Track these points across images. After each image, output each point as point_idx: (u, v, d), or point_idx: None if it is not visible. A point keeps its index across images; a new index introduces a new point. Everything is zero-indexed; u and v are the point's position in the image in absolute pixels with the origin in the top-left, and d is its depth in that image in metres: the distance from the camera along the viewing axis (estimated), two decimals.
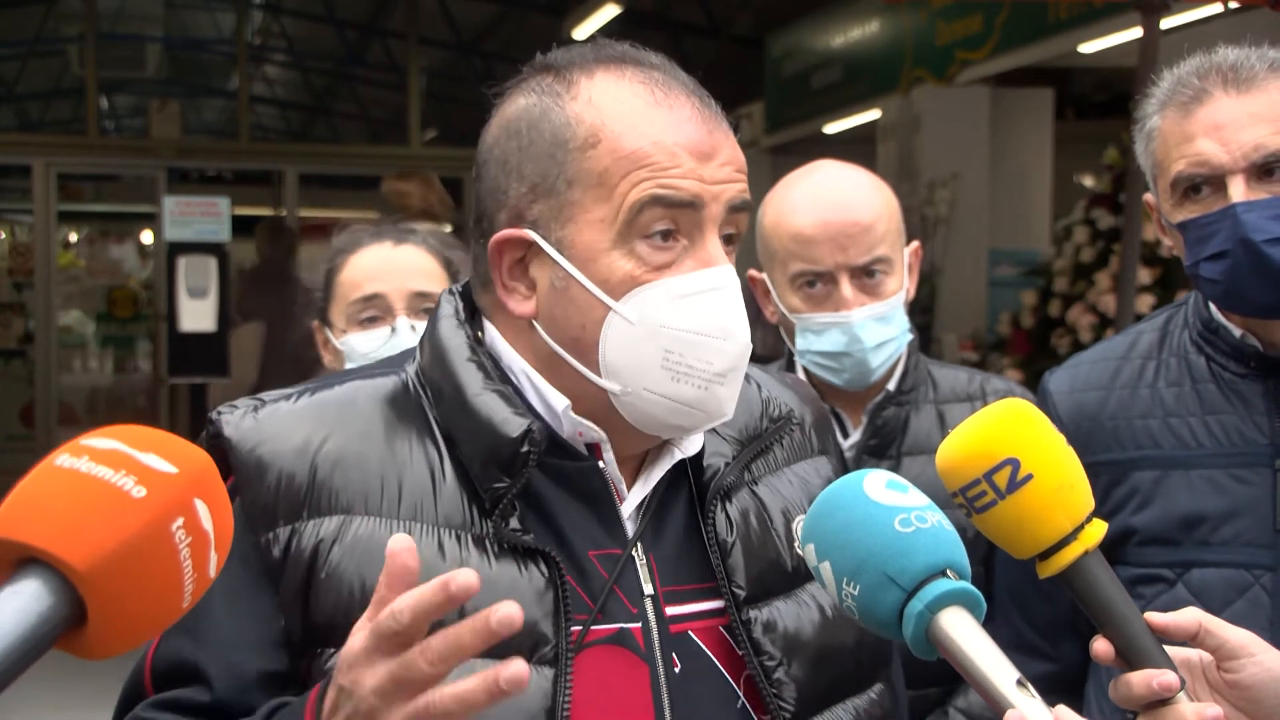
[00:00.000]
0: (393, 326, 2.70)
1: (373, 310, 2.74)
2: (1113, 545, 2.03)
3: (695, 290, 1.43)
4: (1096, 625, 1.36)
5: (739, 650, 1.48)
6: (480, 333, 1.54)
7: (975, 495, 1.34)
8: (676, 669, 1.45)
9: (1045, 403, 2.23)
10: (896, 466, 2.52)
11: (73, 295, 14.30)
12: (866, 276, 2.49)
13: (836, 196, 2.50)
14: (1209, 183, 2.03)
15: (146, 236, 14.35)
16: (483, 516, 1.44)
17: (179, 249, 10.04)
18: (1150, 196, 2.17)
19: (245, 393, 1.53)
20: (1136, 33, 4.84)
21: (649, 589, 1.47)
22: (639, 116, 1.44)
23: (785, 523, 1.56)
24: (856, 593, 1.27)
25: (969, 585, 1.26)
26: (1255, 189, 2.00)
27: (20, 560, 0.98)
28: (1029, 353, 7.68)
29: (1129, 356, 2.23)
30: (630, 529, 1.49)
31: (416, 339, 1.61)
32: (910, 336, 2.59)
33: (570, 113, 1.45)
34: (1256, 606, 2.02)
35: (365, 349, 2.67)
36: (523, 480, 1.43)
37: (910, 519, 1.27)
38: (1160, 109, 2.09)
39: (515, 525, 1.42)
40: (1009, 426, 1.35)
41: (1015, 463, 1.32)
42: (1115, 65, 9.17)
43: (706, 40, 13.49)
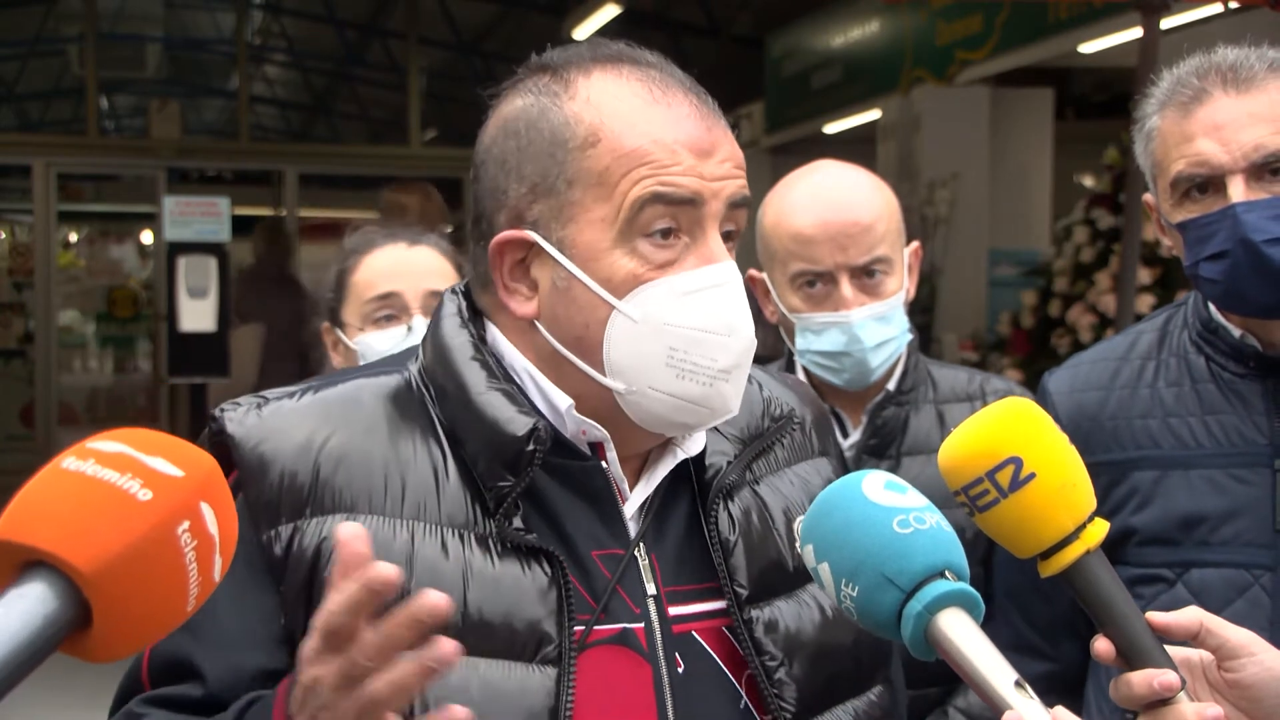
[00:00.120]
0: (409, 325, 2.71)
1: (389, 309, 2.74)
2: (1112, 545, 2.03)
3: (698, 287, 1.43)
4: (1097, 625, 1.36)
5: (741, 650, 1.48)
6: (483, 332, 1.53)
7: (978, 494, 1.34)
8: (680, 669, 1.45)
9: (1045, 403, 2.23)
10: (896, 466, 2.52)
11: (73, 295, 14.29)
12: (866, 276, 2.49)
13: (836, 196, 2.51)
14: (1209, 183, 2.03)
15: (146, 236, 14.34)
16: (486, 515, 1.43)
17: (179, 249, 10.02)
18: (1150, 197, 2.17)
19: (245, 394, 1.52)
20: (1136, 33, 4.84)
21: (651, 589, 1.47)
22: (638, 114, 1.44)
23: (786, 522, 1.56)
24: (855, 594, 1.27)
25: (967, 586, 1.26)
26: (1255, 189, 2.00)
27: (26, 563, 0.98)
28: (1029, 353, 7.67)
29: (1128, 357, 2.24)
30: (633, 529, 1.49)
31: None
32: (910, 336, 2.59)
33: (569, 112, 1.45)
34: (1256, 606, 2.02)
35: (382, 347, 2.67)
36: (527, 479, 1.43)
37: (909, 520, 1.27)
38: (1160, 109, 2.09)
39: (519, 524, 1.42)
40: (1012, 425, 1.35)
41: (1018, 461, 1.32)
42: (1115, 65, 9.17)
43: (706, 40, 13.49)
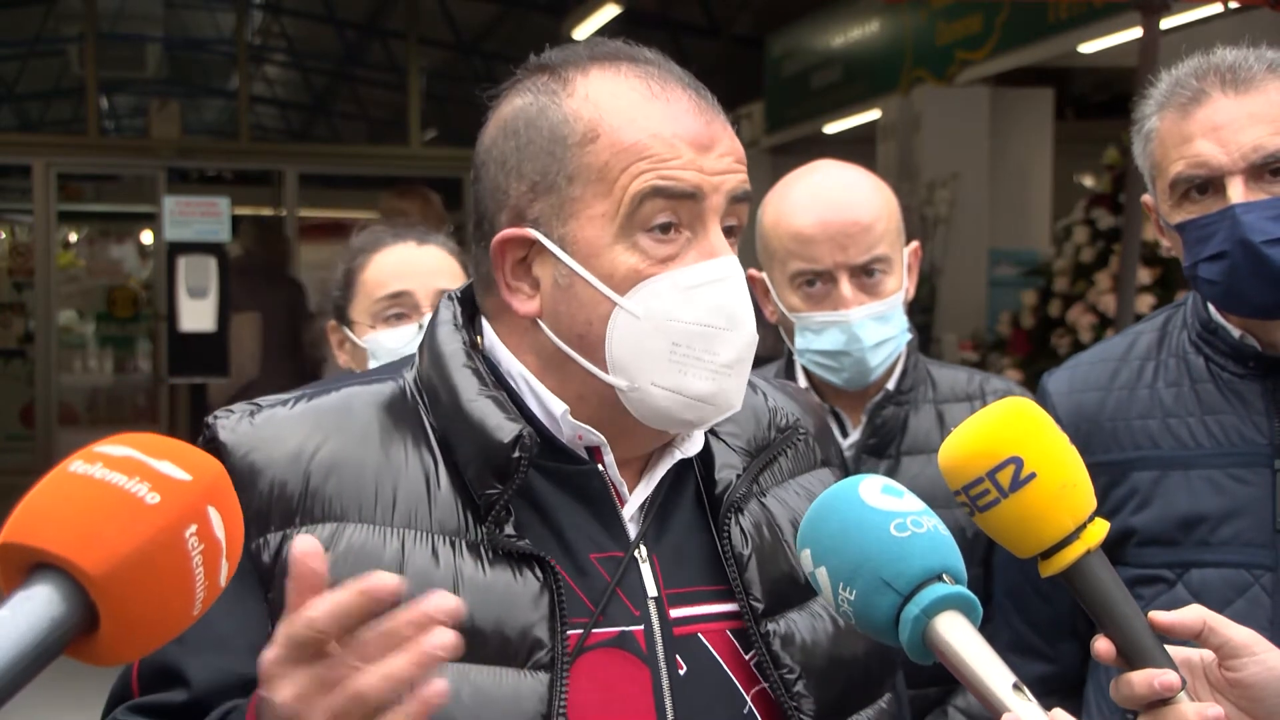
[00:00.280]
0: (420, 324, 2.71)
1: (399, 308, 2.75)
2: (1112, 546, 2.03)
3: (700, 282, 1.43)
4: (1098, 624, 1.36)
5: (746, 655, 1.48)
6: (479, 337, 1.53)
7: (978, 494, 1.34)
8: (681, 671, 1.44)
9: (1044, 404, 2.23)
10: (896, 466, 2.53)
11: (73, 295, 14.29)
12: (866, 276, 2.49)
13: (836, 196, 2.51)
14: (1208, 184, 2.03)
15: (146, 236, 14.35)
16: (477, 522, 1.43)
17: (179, 249, 10.00)
18: (1148, 197, 2.17)
19: (247, 381, 1.52)
20: (1136, 33, 4.84)
21: (653, 591, 1.46)
22: (637, 110, 1.44)
23: (793, 534, 1.55)
24: (852, 597, 1.27)
25: (965, 590, 1.26)
26: (1254, 190, 2.00)
27: (33, 566, 0.98)
28: (1029, 353, 7.68)
29: (1127, 357, 2.24)
30: (633, 531, 1.49)
31: None
32: (909, 336, 2.60)
33: (568, 109, 1.45)
34: (1256, 606, 2.03)
35: (393, 345, 2.68)
36: (515, 485, 1.42)
37: (906, 523, 1.27)
38: (1158, 110, 2.09)
39: (510, 531, 1.42)
40: (1012, 425, 1.34)
41: (1018, 461, 1.32)
42: (1115, 65, 9.17)
43: (706, 40, 13.49)
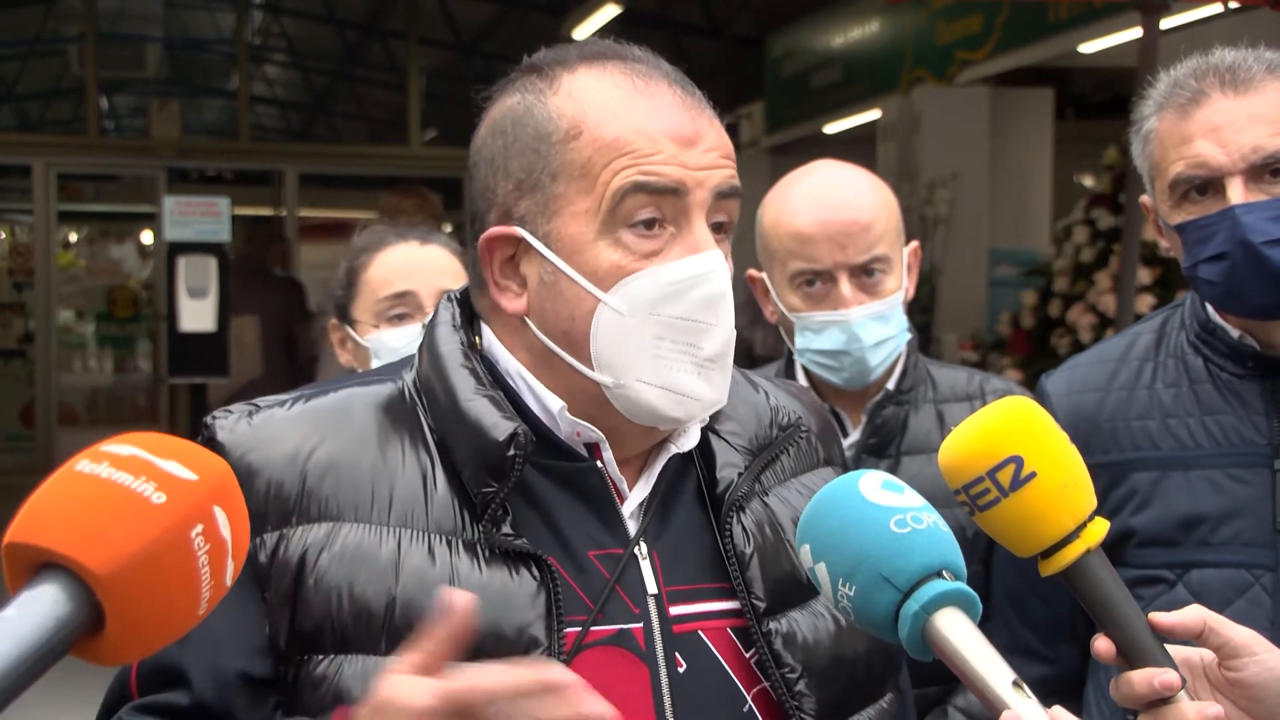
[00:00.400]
0: (424, 323, 2.71)
1: (403, 307, 2.75)
2: (1112, 547, 2.03)
3: (683, 277, 1.43)
4: (1098, 624, 1.36)
5: (746, 653, 1.48)
6: (477, 338, 1.54)
7: (978, 493, 1.33)
8: (680, 669, 1.44)
9: (1043, 405, 2.20)
10: (896, 465, 2.53)
11: (73, 295, 14.30)
12: (865, 275, 2.49)
13: (836, 196, 2.51)
14: (1207, 184, 2.03)
15: (146, 236, 14.35)
16: (474, 521, 1.43)
17: (179, 249, 10.00)
18: (1147, 198, 2.17)
19: (249, 381, 1.53)
20: (1136, 33, 4.84)
21: (652, 588, 1.46)
22: (619, 105, 1.44)
23: (795, 533, 1.56)
24: (852, 594, 1.27)
25: (964, 586, 1.26)
26: (1254, 190, 2.00)
27: (39, 565, 0.98)
28: (1029, 353, 7.68)
29: (1126, 358, 2.23)
30: (632, 528, 1.49)
31: None
32: (909, 336, 2.60)
33: (552, 107, 1.46)
34: (1257, 606, 2.02)
35: (396, 344, 2.68)
36: (511, 484, 1.42)
37: (906, 520, 1.27)
38: (1157, 111, 2.09)
39: (507, 530, 1.42)
40: (1012, 424, 1.34)
41: (1019, 460, 1.32)
42: (1115, 65, 9.17)
43: (706, 40, 13.50)
